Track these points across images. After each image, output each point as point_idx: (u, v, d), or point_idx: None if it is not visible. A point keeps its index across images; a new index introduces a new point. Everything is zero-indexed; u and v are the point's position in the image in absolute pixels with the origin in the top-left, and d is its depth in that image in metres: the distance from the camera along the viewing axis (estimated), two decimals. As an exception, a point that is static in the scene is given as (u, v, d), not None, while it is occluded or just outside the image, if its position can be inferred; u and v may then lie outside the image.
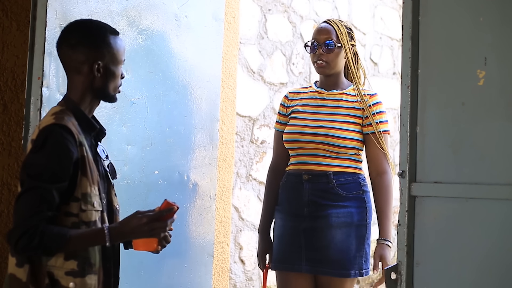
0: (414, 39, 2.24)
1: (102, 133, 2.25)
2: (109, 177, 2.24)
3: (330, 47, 2.89)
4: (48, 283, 2.02)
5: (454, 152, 2.15)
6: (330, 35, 2.91)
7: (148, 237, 2.10)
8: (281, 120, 3.05)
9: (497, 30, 2.09)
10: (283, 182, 2.97)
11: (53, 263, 2.04)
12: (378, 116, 2.89)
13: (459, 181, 2.13)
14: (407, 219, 2.19)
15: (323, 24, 2.98)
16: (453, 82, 2.18)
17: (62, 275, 2.04)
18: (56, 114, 2.10)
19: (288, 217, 2.92)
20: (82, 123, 2.15)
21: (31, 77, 2.58)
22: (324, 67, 2.92)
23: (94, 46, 2.15)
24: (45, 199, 2.00)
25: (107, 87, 2.18)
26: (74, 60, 2.15)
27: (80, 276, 2.05)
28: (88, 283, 2.07)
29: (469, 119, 2.13)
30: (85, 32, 2.18)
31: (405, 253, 2.18)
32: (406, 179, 2.21)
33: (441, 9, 2.22)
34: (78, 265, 2.05)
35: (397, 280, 2.18)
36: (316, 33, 2.96)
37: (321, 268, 2.84)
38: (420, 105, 2.23)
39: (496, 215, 2.05)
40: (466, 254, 2.10)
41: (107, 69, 2.16)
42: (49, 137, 2.04)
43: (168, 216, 2.10)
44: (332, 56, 2.90)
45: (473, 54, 2.13)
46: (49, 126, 2.06)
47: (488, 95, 2.09)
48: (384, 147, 2.86)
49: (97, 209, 2.10)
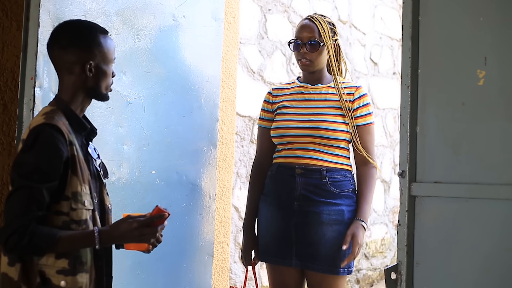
0: (414, 39, 2.25)
1: (93, 132, 2.26)
2: (101, 176, 2.25)
3: (313, 46, 2.92)
4: (39, 281, 2.04)
5: (454, 152, 2.15)
6: (314, 33, 2.94)
7: (138, 242, 2.12)
8: (265, 117, 3.07)
9: (497, 30, 2.10)
10: (273, 173, 2.97)
11: (44, 261, 2.05)
12: (365, 108, 2.94)
13: (459, 181, 2.13)
14: (407, 219, 2.19)
15: (306, 22, 2.99)
16: (453, 82, 2.18)
17: (54, 273, 2.05)
18: (46, 114, 2.12)
19: (276, 209, 2.93)
20: (73, 123, 2.16)
21: (24, 77, 2.58)
22: (308, 65, 2.96)
23: (85, 47, 2.16)
24: (35, 199, 2.01)
25: (99, 87, 2.20)
26: (66, 60, 2.17)
27: (71, 275, 2.06)
28: (79, 281, 2.08)
29: (469, 119, 2.13)
30: (76, 33, 2.19)
31: (405, 253, 2.18)
32: (406, 179, 2.21)
33: (441, 9, 2.22)
34: (69, 263, 2.06)
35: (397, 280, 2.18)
36: (299, 31, 2.98)
37: (311, 264, 2.86)
38: (420, 105, 2.23)
39: (496, 215, 2.06)
40: (466, 254, 2.10)
41: (98, 69, 2.18)
42: (39, 136, 2.05)
43: (158, 222, 2.11)
44: (315, 54, 2.94)
45: (473, 54, 2.13)
46: (39, 126, 2.07)
47: (488, 95, 2.09)
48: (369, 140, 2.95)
49: (88, 208, 2.11)
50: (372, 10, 5.74)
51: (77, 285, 2.07)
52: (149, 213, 2.13)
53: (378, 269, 5.76)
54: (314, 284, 2.92)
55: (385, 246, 5.85)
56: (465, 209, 2.11)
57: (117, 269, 2.27)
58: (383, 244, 5.83)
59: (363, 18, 5.60)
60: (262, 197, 3.02)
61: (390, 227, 5.88)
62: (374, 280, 5.71)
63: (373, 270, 5.72)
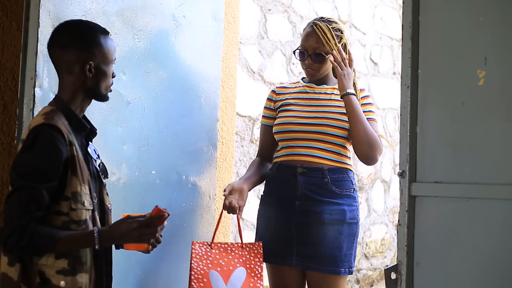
0: (414, 39, 2.25)
1: (93, 133, 2.26)
2: (100, 176, 2.25)
3: (318, 57, 2.92)
4: (39, 281, 2.04)
5: (454, 152, 2.15)
6: (318, 44, 2.92)
7: (137, 242, 2.12)
8: (268, 115, 3.07)
9: (497, 30, 2.10)
10: (274, 172, 2.97)
11: (44, 262, 2.05)
12: (368, 106, 2.96)
13: (459, 181, 2.13)
14: (407, 219, 2.19)
15: (310, 30, 2.95)
16: (453, 82, 2.18)
17: (53, 273, 2.05)
18: (46, 114, 2.12)
19: (278, 209, 2.92)
20: (72, 123, 2.16)
21: (24, 77, 2.59)
22: (313, 75, 2.98)
23: (85, 47, 2.16)
24: (35, 199, 2.01)
25: (99, 87, 2.20)
26: (66, 60, 2.17)
27: (71, 275, 2.06)
28: (79, 281, 2.08)
29: (469, 119, 2.13)
30: (76, 33, 2.19)
31: (405, 253, 2.18)
32: (406, 179, 2.21)
33: (441, 9, 2.22)
34: (69, 263, 2.06)
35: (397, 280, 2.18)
36: (304, 39, 2.96)
37: (312, 264, 2.86)
38: (420, 105, 2.23)
39: (496, 215, 2.06)
40: (466, 254, 2.10)
41: (98, 69, 2.18)
42: (38, 136, 2.05)
43: (158, 222, 2.11)
44: (320, 65, 2.95)
45: (473, 54, 2.13)
46: (39, 126, 2.07)
47: (488, 95, 2.09)
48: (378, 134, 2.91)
49: (87, 208, 2.12)
50: (372, 10, 5.74)
51: (77, 285, 2.07)
52: (148, 213, 2.13)
53: (378, 269, 5.76)
54: (315, 284, 2.92)
55: (385, 246, 5.86)
56: (465, 209, 2.11)
57: (117, 269, 2.27)
58: (383, 244, 5.83)
59: (363, 18, 5.60)
60: (262, 197, 3.02)
61: (390, 227, 5.88)
62: (374, 280, 5.71)
63: (373, 270, 5.72)
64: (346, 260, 2.87)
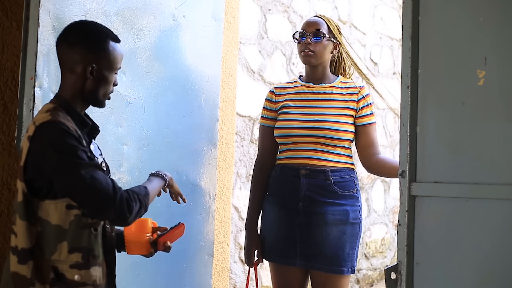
0: (414, 39, 2.24)
1: (95, 130, 2.25)
2: None
3: (318, 38, 2.92)
4: (53, 277, 2.03)
5: (454, 152, 2.15)
6: (320, 26, 2.95)
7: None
8: (268, 115, 3.06)
9: (497, 30, 2.09)
10: (277, 174, 2.97)
11: (57, 257, 2.04)
12: (369, 108, 2.98)
13: (459, 181, 2.13)
14: (407, 219, 2.19)
15: (313, 17, 3.02)
16: (453, 82, 2.17)
17: (67, 268, 2.05)
18: (50, 111, 2.10)
19: (281, 209, 2.93)
20: (74, 120, 2.16)
21: (24, 77, 2.58)
22: (310, 56, 2.94)
23: (91, 48, 2.15)
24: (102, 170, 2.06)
25: (97, 91, 2.18)
26: (70, 58, 2.16)
27: (85, 268, 2.07)
28: (93, 274, 2.08)
29: (469, 119, 2.13)
30: (86, 33, 2.18)
31: (405, 253, 2.18)
32: (406, 179, 2.20)
33: (441, 9, 2.22)
34: (82, 257, 2.07)
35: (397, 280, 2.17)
36: (305, 24, 3.00)
37: (315, 264, 2.87)
38: (420, 105, 2.22)
39: (496, 215, 2.05)
40: (466, 254, 2.10)
41: (100, 73, 2.16)
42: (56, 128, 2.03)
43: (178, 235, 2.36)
44: (319, 46, 2.94)
45: (473, 54, 2.13)
46: (49, 122, 2.05)
47: (488, 95, 2.09)
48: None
49: None
50: (372, 10, 5.74)
51: (91, 279, 2.08)
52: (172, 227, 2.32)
53: (378, 269, 5.76)
54: (318, 284, 2.92)
55: (385, 246, 5.85)
56: (465, 209, 2.11)
57: (117, 269, 2.27)
58: (383, 244, 5.83)
59: (363, 18, 5.60)
60: (266, 197, 3.02)
61: (390, 227, 5.87)
62: (374, 280, 5.71)
63: (373, 270, 5.72)
64: (349, 259, 2.88)
